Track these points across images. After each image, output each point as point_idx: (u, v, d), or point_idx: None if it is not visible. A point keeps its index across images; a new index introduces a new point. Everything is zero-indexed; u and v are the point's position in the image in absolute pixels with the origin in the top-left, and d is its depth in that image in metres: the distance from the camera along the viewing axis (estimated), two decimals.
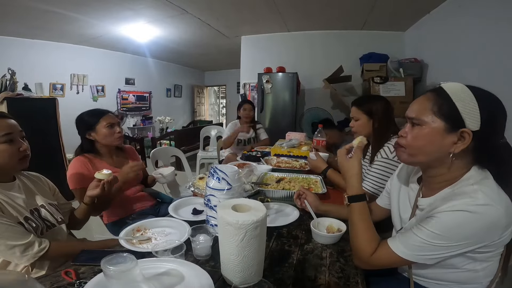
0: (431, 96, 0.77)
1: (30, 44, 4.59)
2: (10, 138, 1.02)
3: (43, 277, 0.81)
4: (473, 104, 0.71)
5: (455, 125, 0.73)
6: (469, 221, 0.67)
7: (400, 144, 0.83)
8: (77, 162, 1.50)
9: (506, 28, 2.11)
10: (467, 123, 0.71)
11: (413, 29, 3.91)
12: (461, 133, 0.72)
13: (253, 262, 0.73)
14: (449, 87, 0.76)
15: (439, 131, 0.74)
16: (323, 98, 4.47)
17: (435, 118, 0.74)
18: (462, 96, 0.73)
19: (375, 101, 1.59)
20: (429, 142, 0.76)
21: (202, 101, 9.72)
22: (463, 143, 0.72)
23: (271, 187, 1.49)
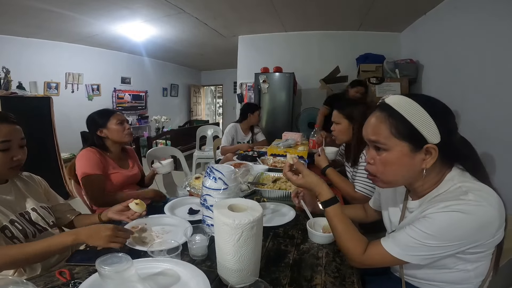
0: (384, 116, 0.76)
1: (25, 43, 4.54)
2: (6, 147, 0.96)
3: (37, 277, 0.80)
4: (426, 117, 0.71)
5: (418, 143, 0.73)
6: (462, 222, 0.67)
7: (372, 173, 0.82)
8: (88, 151, 1.54)
9: (502, 29, 2.13)
10: (429, 138, 0.71)
11: (409, 30, 3.94)
12: (426, 149, 0.72)
13: (250, 262, 0.73)
14: (398, 104, 0.75)
15: (406, 153, 0.74)
16: (320, 98, 4.45)
17: (398, 141, 0.74)
18: (415, 112, 0.72)
19: (355, 105, 1.60)
20: (400, 166, 0.76)
21: (198, 100, 9.69)
22: (431, 157, 0.73)
23: (268, 187, 1.49)
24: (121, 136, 1.63)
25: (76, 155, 1.62)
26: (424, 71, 3.46)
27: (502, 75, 2.13)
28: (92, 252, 0.93)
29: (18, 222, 1.00)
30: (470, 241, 0.70)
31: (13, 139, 0.99)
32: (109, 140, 1.63)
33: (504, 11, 2.11)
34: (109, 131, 1.60)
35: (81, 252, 0.94)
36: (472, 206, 0.67)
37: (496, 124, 2.14)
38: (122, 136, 1.63)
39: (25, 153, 1.05)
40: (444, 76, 2.94)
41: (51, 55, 4.94)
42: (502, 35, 2.13)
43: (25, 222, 1.03)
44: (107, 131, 1.60)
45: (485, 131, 2.23)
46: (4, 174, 1.02)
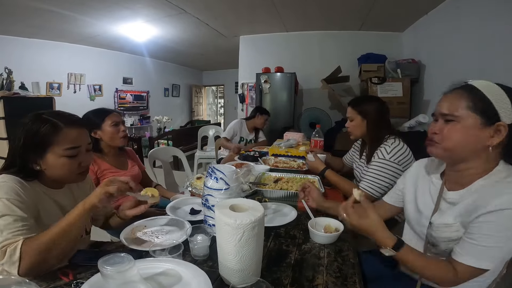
0: (463, 92, 0.79)
1: (27, 43, 4.56)
2: (75, 153, 0.92)
3: (40, 277, 0.80)
4: (505, 98, 0.75)
5: (490, 119, 0.75)
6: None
7: (434, 140, 0.84)
8: None
9: (504, 28, 2.12)
10: (502, 116, 0.74)
11: (411, 30, 3.93)
12: (497, 127, 0.75)
13: (251, 262, 0.73)
14: (479, 84, 0.79)
15: (476, 126, 0.76)
16: (321, 98, 4.48)
17: (471, 113, 0.76)
18: (494, 91, 0.76)
19: (369, 101, 1.60)
20: (467, 137, 0.78)
21: (200, 100, 9.71)
22: (499, 136, 0.75)
23: (269, 187, 1.49)
24: (115, 139, 1.57)
25: None
26: (426, 71, 3.45)
27: (504, 75, 2.12)
28: (95, 252, 0.94)
29: None
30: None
31: (82, 145, 0.95)
32: (103, 142, 1.57)
33: (506, 10, 2.10)
34: (103, 133, 1.55)
35: (84, 252, 0.94)
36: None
37: None
38: (116, 139, 1.57)
39: (92, 157, 1.02)
40: (446, 76, 2.93)
41: (53, 55, 4.96)
42: (504, 35, 2.12)
43: None
44: (101, 132, 1.54)
45: None
46: (72, 180, 0.99)
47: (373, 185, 1.42)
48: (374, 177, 1.42)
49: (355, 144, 1.89)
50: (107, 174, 1.55)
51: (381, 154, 1.44)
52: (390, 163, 1.40)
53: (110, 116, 1.57)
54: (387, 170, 1.40)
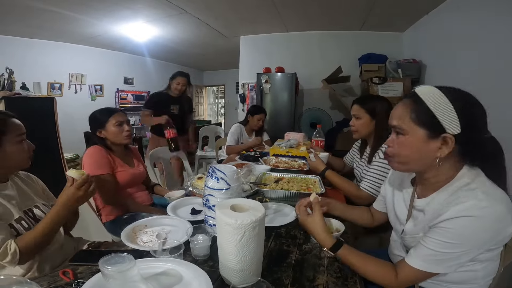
0: (408, 103, 0.79)
1: (28, 43, 4.57)
2: (23, 138, 1.05)
3: (41, 277, 0.81)
4: (449, 108, 0.72)
5: (435, 131, 0.74)
6: (478, 226, 0.68)
7: (389, 154, 0.85)
8: (95, 149, 1.54)
9: (504, 29, 2.12)
10: (447, 128, 0.72)
11: (412, 30, 3.93)
12: (443, 139, 0.74)
13: (252, 262, 0.73)
14: (423, 93, 0.77)
15: (421, 139, 0.76)
16: (322, 99, 4.48)
17: (416, 127, 0.76)
18: (438, 102, 0.74)
19: (378, 101, 1.58)
20: (414, 150, 0.78)
21: (200, 101, 9.71)
22: (447, 147, 0.74)
23: (270, 187, 1.48)
24: (119, 138, 1.61)
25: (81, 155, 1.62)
26: (427, 71, 3.45)
27: (505, 74, 2.11)
28: (95, 252, 0.94)
29: (24, 220, 1.01)
30: (489, 242, 0.71)
31: (24, 132, 1.07)
32: (108, 141, 1.62)
33: (507, 10, 2.09)
34: (107, 133, 1.59)
35: (84, 252, 0.95)
36: (485, 208, 0.67)
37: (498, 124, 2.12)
38: (120, 138, 1.61)
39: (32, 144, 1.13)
40: (447, 76, 2.93)
41: (54, 55, 4.97)
42: (505, 35, 2.12)
43: (31, 219, 1.05)
44: (105, 132, 1.59)
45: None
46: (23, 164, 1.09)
47: (373, 185, 1.42)
48: (374, 178, 1.42)
49: (355, 144, 1.89)
50: (118, 168, 1.59)
51: (382, 155, 1.44)
52: None
53: (115, 115, 1.60)
54: (388, 170, 1.40)
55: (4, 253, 0.89)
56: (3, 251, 0.89)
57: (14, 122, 1.04)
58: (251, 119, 3.04)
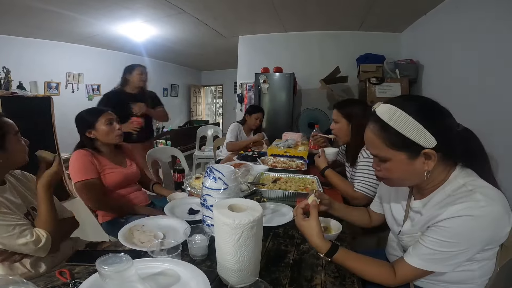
0: (376, 130, 0.79)
1: (25, 43, 4.54)
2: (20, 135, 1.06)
3: (38, 277, 0.80)
4: (416, 125, 0.72)
5: (414, 151, 0.75)
6: (476, 225, 0.68)
7: (380, 177, 0.86)
8: (80, 154, 1.50)
9: (502, 28, 2.13)
10: (424, 144, 0.73)
11: (410, 30, 3.94)
12: (424, 155, 0.74)
13: (250, 262, 0.73)
14: (386, 116, 0.76)
15: (404, 161, 0.77)
16: (320, 99, 4.48)
17: (395, 152, 0.77)
18: (403, 122, 0.74)
19: (355, 105, 1.61)
20: (402, 172, 0.79)
21: (198, 100, 9.69)
22: (432, 160, 0.75)
23: (268, 187, 1.49)
24: (110, 138, 1.57)
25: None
26: (424, 71, 3.46)
27: (503, 75, 2.13)
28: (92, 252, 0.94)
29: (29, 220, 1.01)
30: (487, 241, 0.72)
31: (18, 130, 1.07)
32: (98, 141, 1.58)
33: (504, 11, 2.11)
34: (98, 132, 1.54)
35: (81, 252, 0.94)
36: (483, 208, 0.68)
37: (496, 124, 2.14)
38: (111, 137, 1.57)
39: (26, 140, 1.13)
40: (444, 76, 2.94)
41: (51, 55, 4.94)
42: (503, 35, 2.13)
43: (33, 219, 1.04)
44: (95, 132, 1.54)
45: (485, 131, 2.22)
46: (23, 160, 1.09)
47: (366, 184, 1.42)
48: (364, 177, 1.43)
49: (341, 148, 1.91)
50: (106, 169, 1.56)
51: (365, 154, 1.45)
52: None
53: (104, 115, 1.56)
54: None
55: (38, 239, 0.93)
56: (37, 237, 0.93)
57: (8, 121, 1.04)
58: (249, 119, 3.05)
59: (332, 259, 0.84)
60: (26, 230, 0.93)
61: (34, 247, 0.92)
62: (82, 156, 1.50)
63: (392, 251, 1.01)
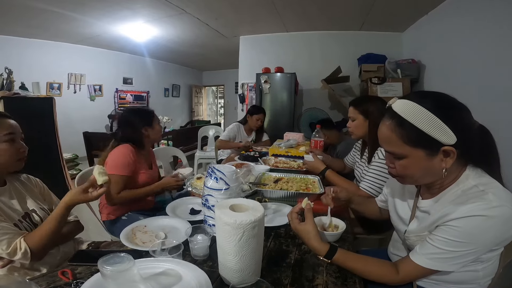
0: (393, 126, 0.75)
1: (28, 43, 4.56)
2: (12, 138, 1.02)
3: (40, 277, 0.81)
4: (436, 121, 0.70)
5: (433, 148, 0.72)
6: (490, 225, 0.68)
7: (394, 174, 0.83)
8: (127, 150, 1.52)
9: (504, 29, 2.12)
10: (444, 141, 0.70)
11: (411, 30, 3.93)
12: (444, 151, 0.72)
13: (251, 262, 0.73)
14: (403, 111, 0.73)
15: (422, 158, 0.74)
16: (321, 99, 4.48)
17: (412, 149, 0.74)
18: (422, 117, 0.71)
19: (371, 101, 1.60)
20: (419, 169, 0.76)
21: (200, 101, 9.71)
22: (451, 157, 0.72)
23: (269, 187, 1.49)
24: (159, 137, 1.72)
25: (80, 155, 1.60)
26: (426, 71, 3.45)
27: (504, 74, 2.12)
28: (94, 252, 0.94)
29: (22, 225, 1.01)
30: (497, 242, 0.71)
31: (16, 132, 1.05)
32: (148, 139, 1.65)
33: (506, 10, 2.10)
34: (153, 131, 1.65)
35: (84, 252, 0.94)
36: (496, 208, 0.67)
37: (498, 124, 2.13)
38: (159, 137, 1.70)
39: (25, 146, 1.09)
40: (446, 76, 2.93)
41: (53, 55, 4.96)
42: (504, 35, 2.12)
43: (30, 223, 1.04)
44: (152, 130, 1.64)
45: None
46: (11, 168, 1.06)
47: (373, 185, 1.42)
48: (374, 178, 1.42)
49: (356, 145, 1.89)
50: (141, 168, 1.60)
51: (381, 155, 1.44)
52: None
53: (155, 117, 1.68)
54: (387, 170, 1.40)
55: (14, 252, 0.91)
56: (13, 249, 0.90)
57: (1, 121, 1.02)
58: (250, 119, 3.05)
59: (331, 261, 0.84)
60: (5, 240, 0.90)
61: (8, 257, 0.91)
62: (129, 152, 1.53)
63: (395, 251, 1.01)
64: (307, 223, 0.91)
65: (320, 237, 0.89)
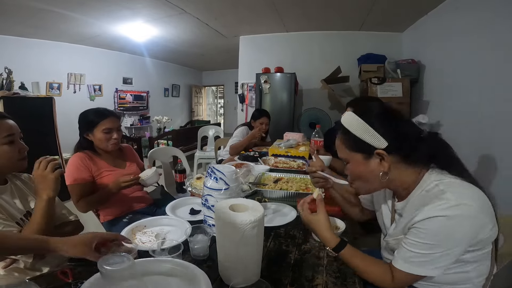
0: (341, 136, 0.87)
1: (27, 43, 4.56)
2: (11, 140, 1.01)
3: (40, 277, 0.81)
4: (367, 128, 0.79)
5: (367, 151, 0.81)
6: (451, 225, 0.68)
7: (349, 181, 0.92)
8: (76, 158, 1.50)
9: (503, 29, 2.12)
10: (375, 144, 0.79)
11: (411, 30, 3.93)
12: (377, 154, 0.79)
13: (251, 262, 0.73)
14: (346, 122, 0.85)
15: (360, 161, 0.83)
16: (321, 99, 4.48)
17: (352, 153, 0.84)
18: (357, 125, 0.81)
19: (369, 102, 1.60)
20: (361, 173, 0.85)
21: (200, 101, 9.71)
22: (385, 160, 0.79)
23: (269, 187, 1.49)
24: (104, 146, 1.54)
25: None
26: (426, 71, 3.45)
27: (504, 75, 2.12)
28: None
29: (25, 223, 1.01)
30: (470, 241, 0.71)
31: (15, 133, 1.04)
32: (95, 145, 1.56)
33: (505, 11, 2.10)
34: (94, 138, 1.53)
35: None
36: (454, 207, 0.68)
37: (497, 124, 2.14)
38: (106, 146, 1.54)
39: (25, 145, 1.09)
40: (446, 76, 2.93)
41: (53, 55, 4.95)
42: (504, 35, 2.12)
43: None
44: (92, 136, 1.53)
45: (486, 131, 2.22)
46: (12, 169, 1.06)
47: None
48: None
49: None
50: (104, 173, 1.54)
51: None
52: None
53: (105, 121, 1.52)
54: None
55: None
56: None
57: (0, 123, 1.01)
58: (254, 124, 2.90)
59: (338, 254, 0.85)
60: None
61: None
62: (77, 159, 1.48)
63: (384, 253, 1.01)
64: (319, 213, 0.93)
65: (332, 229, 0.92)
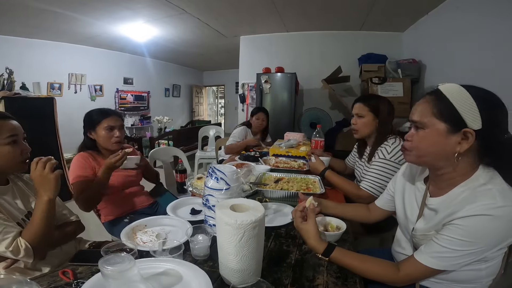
0: (430, 99, 0.79)
1: (28, 43, 4.57)
2: (14, 140, 1.01)
3: (41, 277, 0.81)
4: (471, 104, 0.73)
5: (456, 125, 0.74)
6: (492, 225, 0.68)
7: (406, 148, 0.85)
8: (79, 157, 1.52)
9: (503, 29, 2.12)
10: (468, 123, 0.73)
11: (412, 30, 3.93)
12: (464, 133, 0.74)
13: (252, 262, 0.73)
14: (446, 89, 0.78)
15: (442, 133, 0.76)
16: (322, 99, 4.48)
17: (437, 121, 0.77)
18: (460, 97, 0.74)
19: (381, 100, 1.58)
20: (434, 144, 0.78)
21: (200, 101, 9.71)
22: (467, 142, 0.74)
23: (270, 187, 1.49)
24: (107, 144, 1.55)
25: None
26: (427, 71, 3.45)
27: (504, 74, 2.11)
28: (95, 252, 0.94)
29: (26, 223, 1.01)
30: (501, 242, 0.71)
31: (18, 133, 1.04)
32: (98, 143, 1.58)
33: (506, 10, 2.09)
34: (97, 136, 1.55)
35: (84, 252, 0.94)
36: (500, 207, 0.67)
37: None
38: (108, 144, 1.55)
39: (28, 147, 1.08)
40: (447, 76, 2.93)
41: (53, 55, 4.97)
42: (505, 35, 2.11)
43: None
44: (95, 134, 1.55)
45: None
46: (16, 169, 1.06)
47: (374, 184, 1.42)
48: (375, 177, 1.42)
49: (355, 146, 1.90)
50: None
51: (381, 154, 1.44)
52: (391, 163, 1.40)
53: (107, 119, 1.54)
54: (388, 169, 1.40)
55: (17, 250, 0.90)
56: (15, 248, 0.90)
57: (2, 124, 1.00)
58: (252, 121, 3.04)
59: (329, 258, 0.86)
60: (9, 238, 0.90)
61: (12, 256, 0.91)
62: (81, 158, 1.51)
63: (400, 249, 1.00)
64: (308, 222, 0.94)
65: (320, 237, 0.91)
